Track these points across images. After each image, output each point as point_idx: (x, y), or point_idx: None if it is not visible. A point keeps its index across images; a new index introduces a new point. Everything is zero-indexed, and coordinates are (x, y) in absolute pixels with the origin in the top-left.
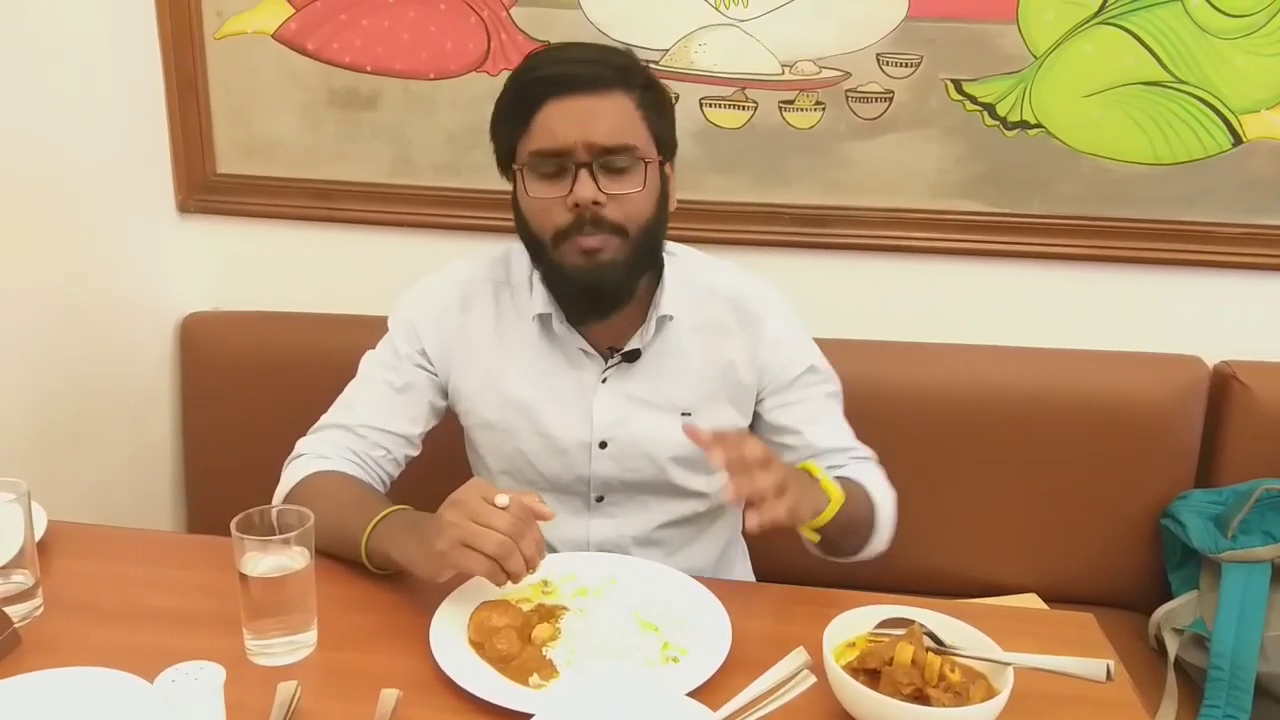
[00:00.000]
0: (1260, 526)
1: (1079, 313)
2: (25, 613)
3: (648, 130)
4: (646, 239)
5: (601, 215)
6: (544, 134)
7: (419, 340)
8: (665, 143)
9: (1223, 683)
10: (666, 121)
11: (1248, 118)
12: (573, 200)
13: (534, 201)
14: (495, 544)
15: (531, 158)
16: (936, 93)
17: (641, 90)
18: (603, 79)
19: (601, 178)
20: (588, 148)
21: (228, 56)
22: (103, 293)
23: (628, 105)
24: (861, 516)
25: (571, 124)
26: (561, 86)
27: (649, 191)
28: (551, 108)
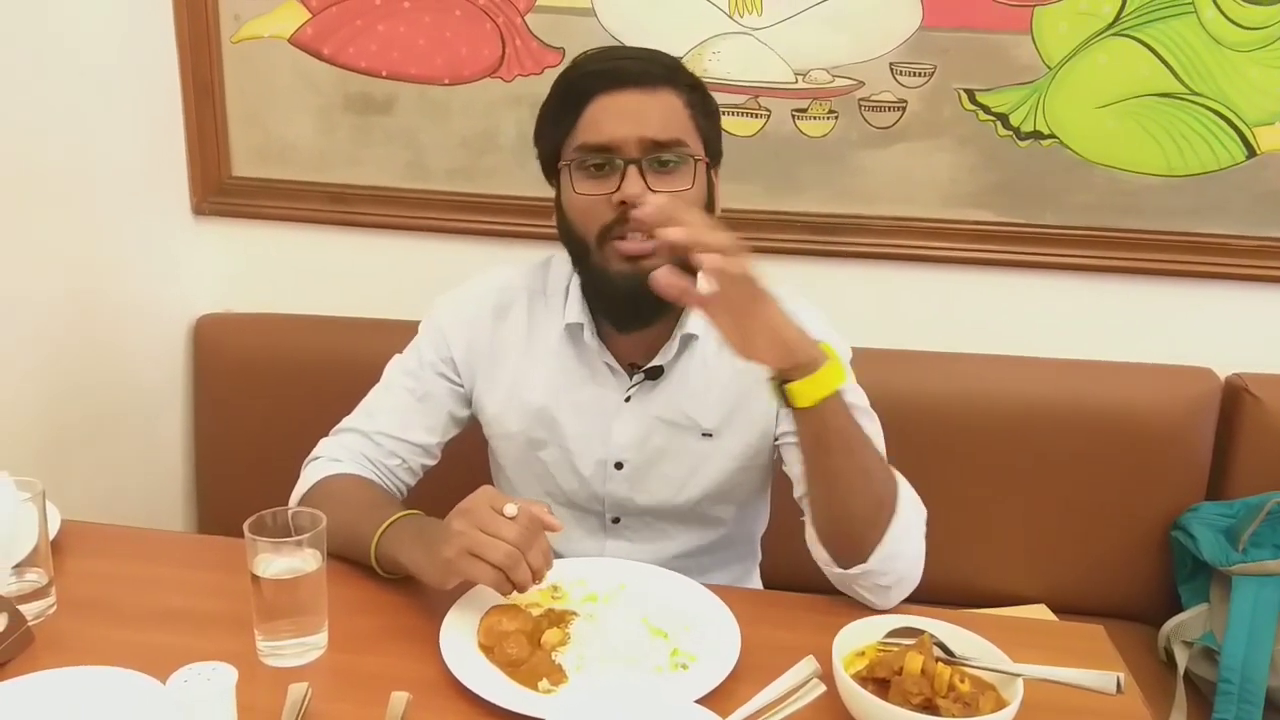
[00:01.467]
0: (1271, 539)
1: (1090, 324)
2: (39, 611)
3: (696, 130)
4: None
5: None
6: (592, 128)
7: (447, 347)
8: (711, 146)
9: (1232, 696)
10: (713, 125)
11: (1261, 130)
12: (619, 197)
13: (579, 199)
14: (502, 554)
15: (578, 153)
16: (949, 102)
17: (689, 90)
18: (652, 75)
19: (650, 175)
20: (638, 142)
21: (244, 60)
22: (117, 294)
23: (677, 103)
24: (878, 478)
25: (621, 118)
26: (611, 81)
27: (697, 191)
28: (601, 102)
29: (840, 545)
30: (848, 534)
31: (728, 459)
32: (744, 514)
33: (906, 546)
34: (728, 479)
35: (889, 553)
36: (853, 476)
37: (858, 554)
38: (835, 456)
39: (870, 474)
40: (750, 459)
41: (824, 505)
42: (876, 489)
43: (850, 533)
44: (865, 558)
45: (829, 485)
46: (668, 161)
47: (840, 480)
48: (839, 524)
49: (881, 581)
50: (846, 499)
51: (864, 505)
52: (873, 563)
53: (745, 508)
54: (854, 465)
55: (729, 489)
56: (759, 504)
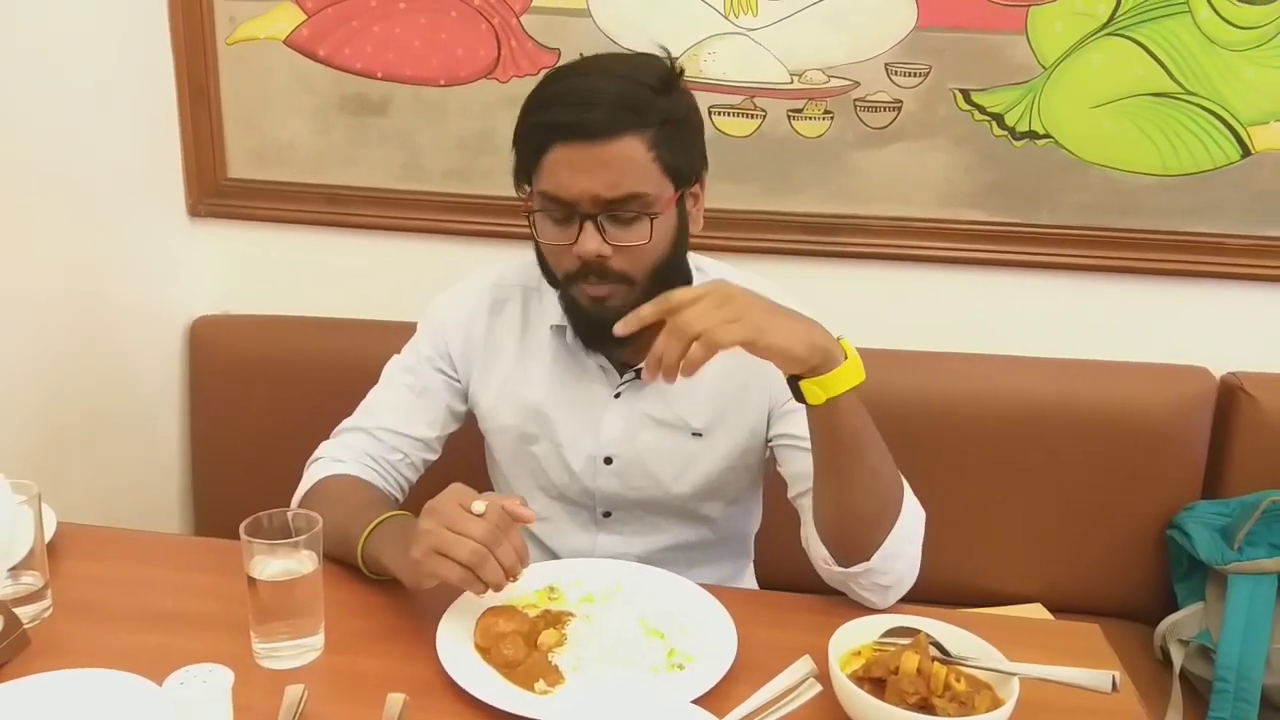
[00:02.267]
0: (1267, 538)
1: (1086, 323)
2: (35, 614)
3: (661, 170)
4: (656, 282)
5: (606, 267)
6: (550, 179)
7: (445, 343)
8: (685, 173)
9: (1228, 694)
10: (687, 150)
11: (1256, 129)
12: (577, 252)
13: (544, 245)
14: (468, 551)
15: (540, 199)
16: (945, 102)
17: (658, 128)
18: (615, 125)
19: (608, 228)
20: (593, 200)
21: (239, 62)
22: (113, 296)
23: (639, 150)
24: (886, 478)
25: (577, 173)
26: (567, 133)
27: (658, 239)
28: (558, 154)
29: (844, 543)
30: (853, 532)
31: (717, 458)
32: (734, 512)
33: (908, 547)
34: (717, 477)
35: (891, 552)
36: (862, 474)
37: (861, 552)
38: (845, 454)
39: (878, 473)
40: (739, 459)
41: (831, 502)
42: (883, 488)
43: (855, 531)
44: (868, 556)
45: (838, 481)
46: (624, 216)
47: (849, 477)
48: (845, 522)
49: (881, 581)
50: (854, 496)
51: (870, 503)
52: (875, 561)
53: (735, 505)
54: (863, 463)
55: (718, 487)
56: (750, 502)
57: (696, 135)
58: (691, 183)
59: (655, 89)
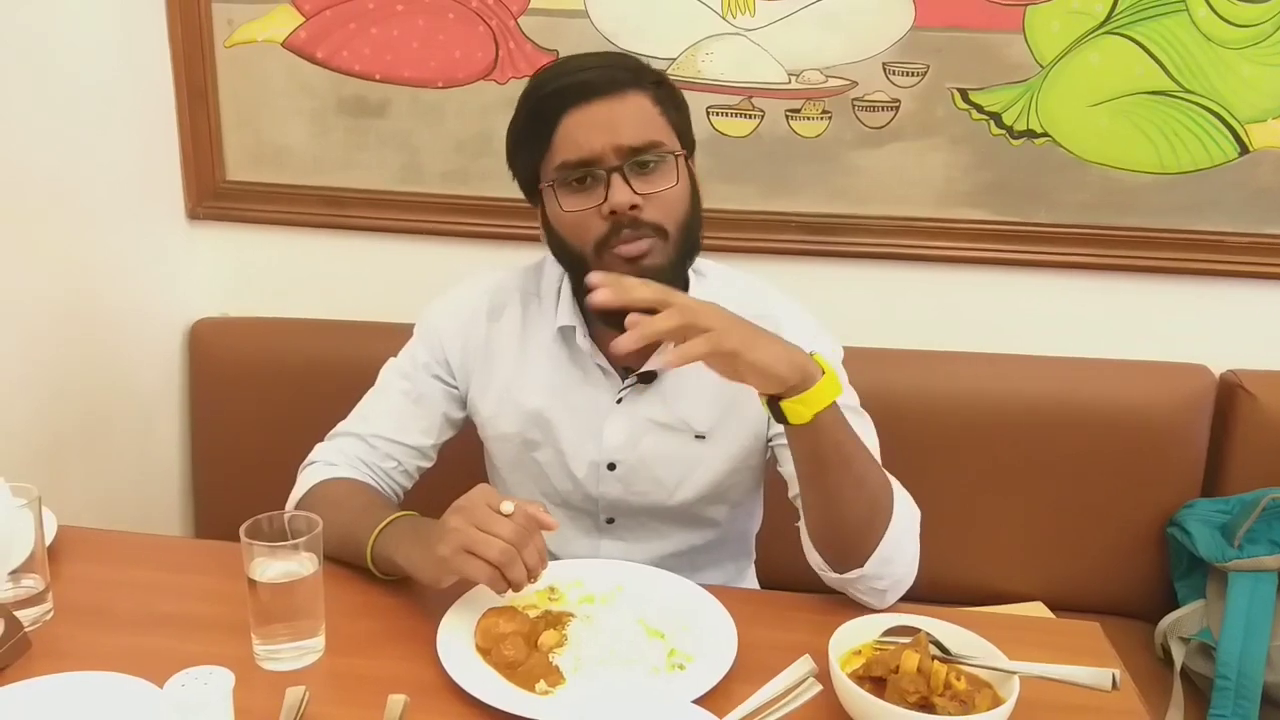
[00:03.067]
0: (1267, 536)
1: (1085, 321)
2: (35, 617)
3: (669, 126)
4: (687, 237)
5: (640, 218)
6: (569, 145)
7: (442, 349)
8: (686, 137)
9: (1229, 692)
10: (684, 117)
11: (1254, 127)
12: (609, 207)
13: (568, 216)
14: (498, 551)
15: (559, 171)
16: (943, 102)
17: (656, 87)
18: (617, 81)
19: (634, 179)
20: (616, 150)
21: (238, 65)
22: (112, 299)
23: (646, 103)
24: (873, 484)
25: (595, 130)
26: (578, 95)
27: (682, 186)
28: (571, 118)
29: (835, 552)
30: (843, 541)
31: (720, 461)
32: (737, 514)
33: (902, 550)
34: (721, 480)
35: (884, 557)
36: (847, 487)
37: (853, 560)
38: (830, 469)
39: (865, 483)
40: (743, 460)
41: (819, 514)
42: (871, 496)
43: (845, 540)
44: (861, 563)
45: (824, 496)
46: (648, 163)
47: (835, 491)
48: (834, 532)
49: (877, 585)
50: (841, 508)
51: (859, 513)
52: (869, 568)
53: (738, 508)
54: (849, 476)
55: (722, 490)
56: (752, 504)
57: (687, 108)
58: (691, 152)
59: (640, 62)
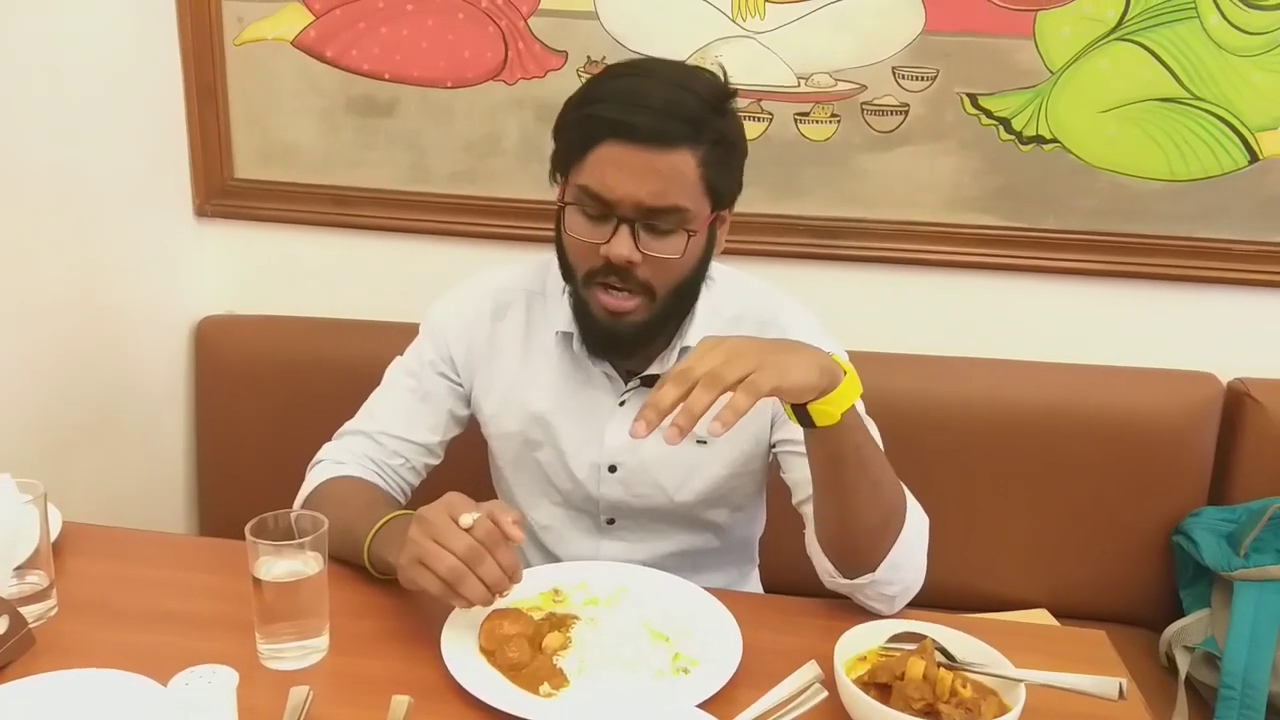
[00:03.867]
0: (1273, 545)
1: (1093, 328)
2: (40, 613)
3: (705, 190)
4: (675, 300)
5: (633, 274)
6: (595, 175)
7: (447, 346)
8: (724, 197)
9: (1234, 701)
10: (731, 174)
11: (1264, 135)
12: (606, 253)
13: (571, 240)
14: (446, 568)
15: (578, 192)
16: (952, 106)
17: (710, 146)
18: (669, 135)
19: (642, 235)
20: (635, 205)
21: (247, 63)
22: (120, 296)
23: (689, 164)
24: (888, 489)
25: (623, 176)
26: (625, 132)
27: (689, 256)
28: (608, 150)
29: (847, 556)
30: (857, 546)
31: (721, 466)
32: (739, 518)
33: (912, 557)
34: (721, 485)
35: (895, 563)
36: (865, 489)
37: (866, 565)
38: (850, 471)
39: (881, 486)
40: (744, 465)
41: (834, 518)
42: (887, 500)
43: (859, 544)
44: (874, 568)
45: (841, 499)
46: (661, 228)
47: (853, 494)
48: (849, 536)
49: (887, 591)
50: (858, 512)
51: (875, 517)
52: (880, 573)
53: (739, 512)
54: (866, 478)
55: (723, 494)
56: (754, 508)
57: (741, 161)
58: (727, 206)
59: (711, 105)
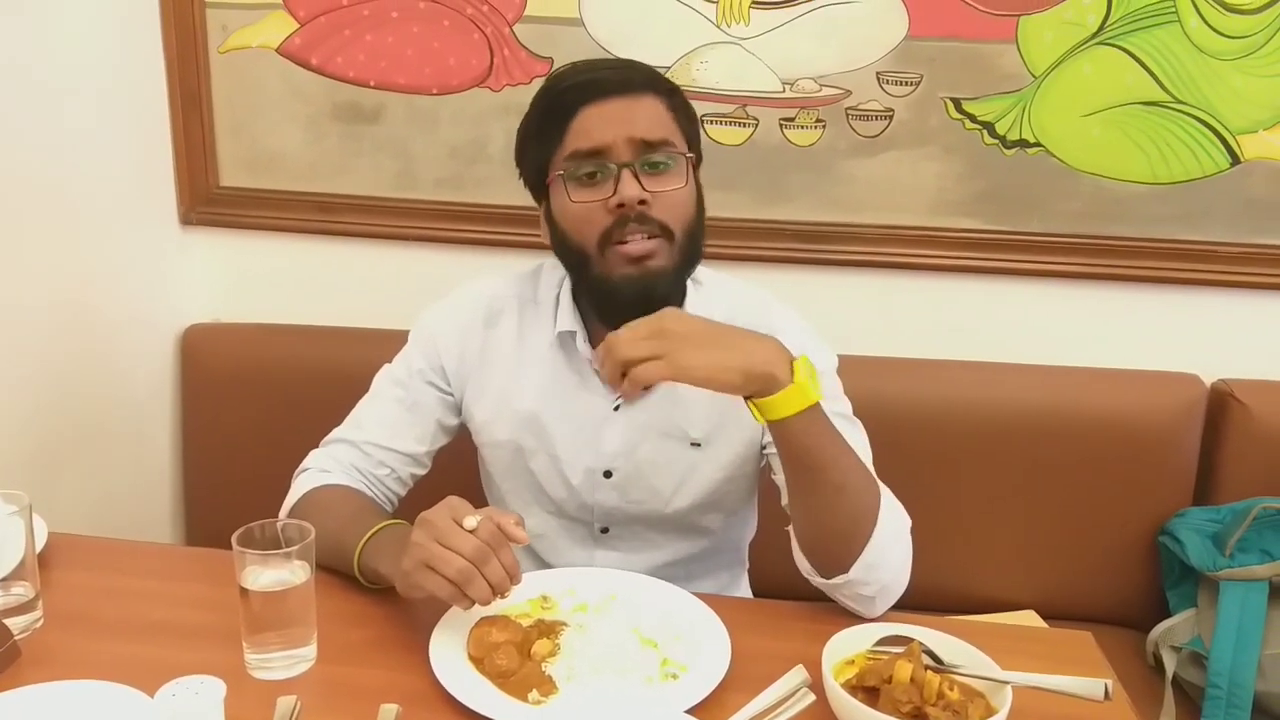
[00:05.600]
0: (1258, 545)
1: (1077, 330)
2: (25, 625)
3: (680, 132)
4: (691, 242)
5: (647, 214)
6: (582, 136)
7: (438, 355)
8: (694, 146)
9: (1220, 700)
10: (695, 129)
11: (1245, 138)
12: (617, 200)
13: (575, 208)
14: (455, 569)
15: (569, 162)
16: (936, 111)
17: (670, 95)
18: (633, 82)
19: (644, 177)
20: (629, 143)
21: (232, 70)
22: (105, 304)
23: (660, 107)
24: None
25: (610, 123)
26: (595, 91)
27: (690, 189)
28: (587, 112)
29: (820, 556)
30: (827, 546)
31: (716, 469)
32: (732, 522)
33: (888, 557)
34: (716, 488)
35: (869, 563)
36: (826, 492)
37: (838, 565)
38: (811, 471)
39: (846, 488)
40: (738, 468)
41: (802, 517)
42: (854, 501)
43: (829, 544)
44: (846, 568)
45: (805, 498)
46: (659, 163)
47: (816, 493)
48: (817, 536)
49: (864, 591)
50: (823, 512)
51: (841, 518)
52: (854, 573)
53: (733, 516)
54: (830, 480)
55: (717, 498)
56: (746, 512)
57: (697, 119)
58: (698, 163)
59: (655, 70)
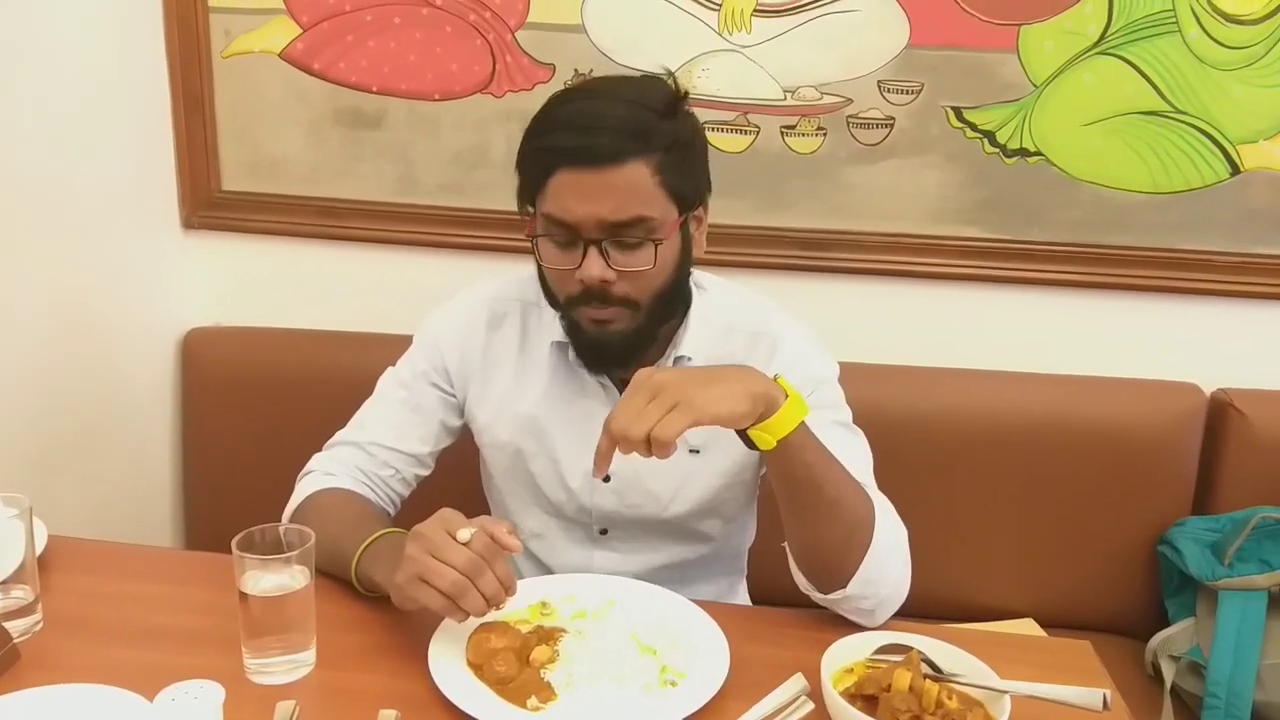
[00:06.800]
0: (1257, 554)
1: (1077, 339)
2: (25, 628)
3: (666, 195)
4: (660, 306)
5: (609, 292)
6: (555, 203)
7: (441, 357)
8: (690, 197)
9: (1219, 710)
10: (692, 174)
11: (1245, 148)
12: (580, 277)
13: (548, 269)
14: (449, 582)
15: (544, 222)
16: (937, 120)
17: (664, 153)
18: (621, 152)
19: (613, 253)
20: (598, 224)
21: (234, 75)
22: (106, 308)
23: (644, 175)
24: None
25: (582, 198)
26: (573, 158)
27: (662, 263)
28: (563, 177)
29: (817, 572)
30: (824, 562)
31: (714, 476)
32: (730, 529)
33: (885, 570)
34: (714, 495)
35: (867, 578)
36: (821, 509)
37: (836, 580)
38: (802, 490)
39: (839, 504)
40: (736, 475)
41: (797, 535)
42: (847, 518)
43: (826, 561)
44: (845, 583)
45: (798, 518)
46: (629, 242)
47: (809, 513)
48: (814, 553)
49: (863, 605)
50: (817, 530)
51: (837, 534)
52: (852, 588)
53: (731, 523)
54: (821, 498)
55: (716, 505)
56: (745, 519)
57: (701, 158)
58: (695, 206)
59: (661, 113)
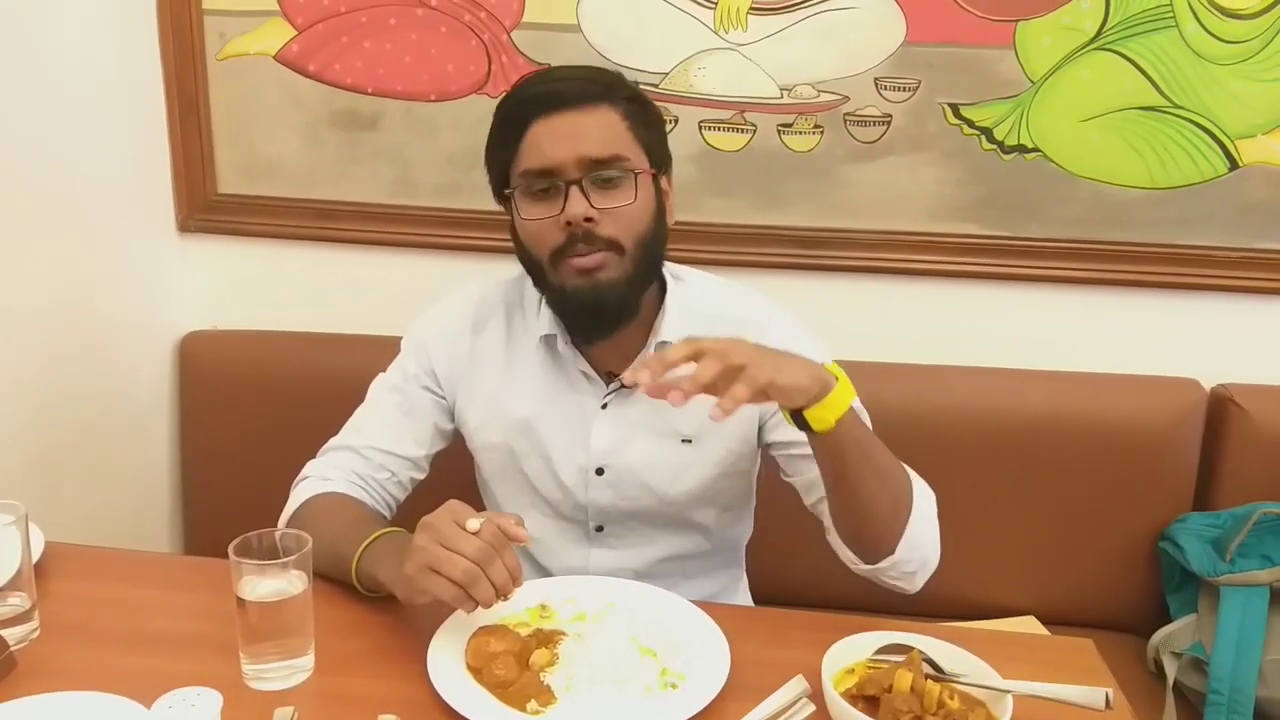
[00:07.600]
0: (1259, 550)
1: (1076, 335)
2: (22, 636)
3: (637, 142)
4: (644, 253)
5: (595, 232)
6: (533, 153)
7: (429, 361)
8: (656, 155)
9: (1222, 706)
10: (656, 134)
11: (1244, 143)
12: (564, 218)
13: (528, 224)
14: (460, 571)
15: (522, 179)
16: (934, 116)
17: (627, 103)
18: (588, 94)
19: (593, 193)
20: (577, 162)
21: (229, 77)
22: (102, 311)
23: (614, 118)
24: (894, 474)
25: (559, 140)
26: (547, 104)
27: (642, 203)
28: (538, 127)
29: (866, 544)
30: (873, 533)
31: (708, 465)
32: (727, 518)
33: (927, 531)
34: (710, 484)
35: (913, 539)
36: (871, 480)
37: (885, 547)
38: (855, 465)
39: (886, 473)
40: (731, 465)
41: (850, 511)
42: (894, 483)
43: (875, 531)
44: (893, 549)
45: (852, 492)
46: (609, 178)
47: (861, 486)
48: (864, 526)
49: (908, 569)
50: (870, 502)
51: (885, 503)
52: (900, 552)
53: (727, 512)
54: (871, 469)
55: (712, 494)
56: (743, 509)
57: (661, 125)
58: (663, 169)
59: (616, 78)
